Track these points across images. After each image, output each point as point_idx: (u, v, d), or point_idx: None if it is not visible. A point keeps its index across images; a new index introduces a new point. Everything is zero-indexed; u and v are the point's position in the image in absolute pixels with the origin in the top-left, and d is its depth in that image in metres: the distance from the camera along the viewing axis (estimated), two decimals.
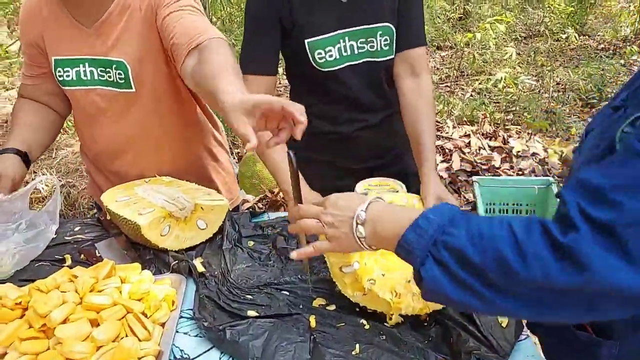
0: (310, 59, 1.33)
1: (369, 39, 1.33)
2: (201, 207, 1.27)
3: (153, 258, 1.21)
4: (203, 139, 1.56)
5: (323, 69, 1.34)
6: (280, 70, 1.95)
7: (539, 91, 4.97)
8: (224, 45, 1.11)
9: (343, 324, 0.98)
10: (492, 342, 0.90)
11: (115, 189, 1.36)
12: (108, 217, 1.32)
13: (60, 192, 1.35)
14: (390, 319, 0.98)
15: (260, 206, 3.29)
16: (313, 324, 0.98)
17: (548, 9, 7.31)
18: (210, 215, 1.28)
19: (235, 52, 1.15)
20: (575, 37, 6.28)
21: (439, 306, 0.97)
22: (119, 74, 1.32)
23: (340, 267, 0.97)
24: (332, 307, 1.03)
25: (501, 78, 3.93)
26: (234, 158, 3.80)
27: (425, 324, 0.98)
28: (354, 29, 1.31)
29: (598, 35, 7.00)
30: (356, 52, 1.34)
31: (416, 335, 0.95)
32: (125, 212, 1.20)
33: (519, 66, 5.56)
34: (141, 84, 1.34)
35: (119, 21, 1.30)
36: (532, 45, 6.49)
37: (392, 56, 1.38)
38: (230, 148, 3.98)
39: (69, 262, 1.23)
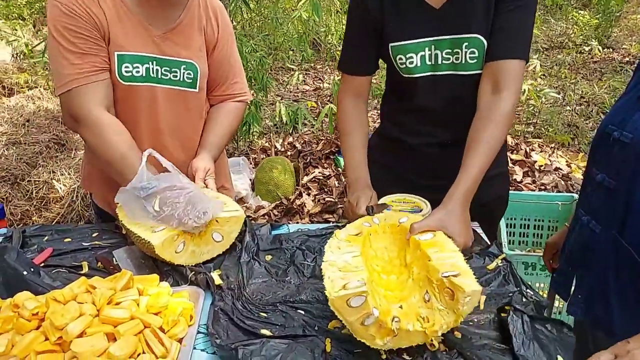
0: (394, 62, 1.32)
1: (454, 50, 1.26)
2: (216, 220, 1.22)
3: (170, 270, 1.18)
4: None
5: (404, 75, 1.32)
6: None
7: (561, 104, 4.88)
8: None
9: (359, 350, 0.94)
10: None
11: None
12: (124, 231, 1.30)
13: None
14: (432, 345, 0.93)
15: (276, 213, 3.27)
16: (328, 347, 0.94)
17: (571, 20, 7.21)
18: (226, 227, 1.24)
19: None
20: (599, 49, 6.17)
21: (469, 309, 0.91)
22: (188, 74, 1.42)
23: (362, 322, 0.88)
24: (349, 331, 0.99)
25: (525, 90, 3.86)
26: (251, 163, 3.79)
27: (445, 351, 0.93)
28: (441, 37, 1.26)
29: (623, 49, 6.87)
30: (440, 62, 1.28)
31: None
32: (139, 230, 1.16)
33: (541, 78, 5.47)
34: (202, 85, 1.47)
35: (186, 26, 1.41)
36: (554, 57, 6.39)
37: (479, 71, 1.26)
38: (247, 153, 3.98)
39: (85, 269, 1.21)
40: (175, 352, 0.90)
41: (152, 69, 1.37)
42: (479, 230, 1.35)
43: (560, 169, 3.40)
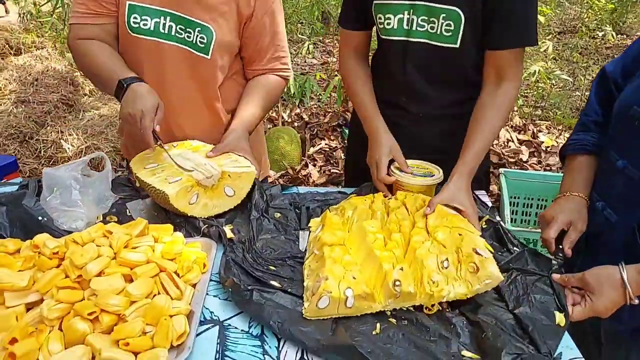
0: (375, 21, 1.34)
1: (430, 19, 1.25)
2: (228, 175, 1.26)
3: (183, 222, 1.21)
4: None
5: (382, 36, 1.35)
6: None
7: (570, 88, 4.85)
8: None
9: None
10: (538, 343, 0.86)
11: (143, 154, 1.35)
12: (137, 184, 1.32)
13: (85, 155, 1.35)
14: (429, 309, 0.95)
15: (282, 182, 3.29)
16: None
17: (586, 4, 7.09)
18: (238, 182, 1.27)
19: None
20: (612, 35, 6.09)
21: (482, 290, 0.94)
22: (201, 37, 1.37)
23: (317, 305, 0.92)
24: None
25: (535, 72, 3.83)
26: None
27: (447, 310, 0.96)
28: (419, 2, 1.24)
29: (637, 35, 6.76)
30: (414, 28, 1.28)
31: (438, 323, 0.93)
32: (154, 181, 1.19)
33: (552, 61, 5.42)
34: (217, 54, 1.40)
35: None
36: (567, 41, 6.31)
37: (454, 45, 1.26)
38: None
39: (100, 218, 1.24)
40: (189, 295, 0.94)
41: (165, 24, 1.35)
42: (485, 199, 1.37)
43: None
